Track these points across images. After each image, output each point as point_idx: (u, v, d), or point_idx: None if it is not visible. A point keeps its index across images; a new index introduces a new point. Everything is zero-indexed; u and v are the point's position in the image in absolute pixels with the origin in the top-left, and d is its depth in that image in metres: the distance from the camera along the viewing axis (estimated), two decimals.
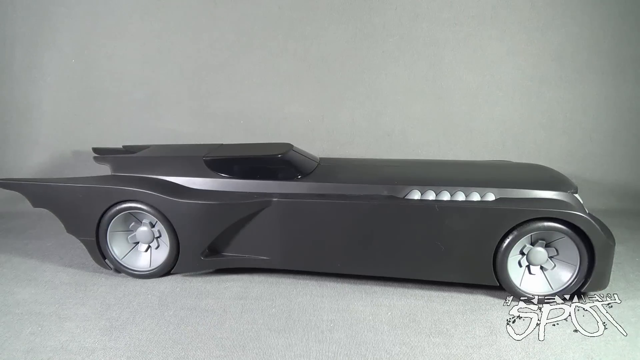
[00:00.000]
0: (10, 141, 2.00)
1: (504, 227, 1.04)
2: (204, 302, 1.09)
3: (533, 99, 1.91)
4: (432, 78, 1.91)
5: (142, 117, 1.97)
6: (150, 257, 1.26)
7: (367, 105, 1.93)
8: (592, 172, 1.91)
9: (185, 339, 0.93)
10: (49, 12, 1.93)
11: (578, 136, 1.92)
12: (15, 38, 1.95)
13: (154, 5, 1.92)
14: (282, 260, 1.19)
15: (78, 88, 1.98)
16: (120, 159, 1.35)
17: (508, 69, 1.89)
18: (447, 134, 1.94)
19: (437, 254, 1.08)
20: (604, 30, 1.84)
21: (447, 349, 0.90)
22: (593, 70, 1.87)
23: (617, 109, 1.90)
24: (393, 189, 1.12)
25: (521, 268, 1.09)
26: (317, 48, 1.91)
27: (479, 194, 1.08)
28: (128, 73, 1.97)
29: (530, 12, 1.84)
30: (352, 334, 0.95)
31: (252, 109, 1.95)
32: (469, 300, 1.09)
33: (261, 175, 1.23)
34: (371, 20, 1.88)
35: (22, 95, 1.98)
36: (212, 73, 1.95)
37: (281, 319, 1.01)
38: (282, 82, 1.94)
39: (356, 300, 1.09)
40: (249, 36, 1.92)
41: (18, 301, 1.13)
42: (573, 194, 1.11)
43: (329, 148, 1.94)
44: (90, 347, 0.91)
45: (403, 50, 1.90)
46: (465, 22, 1.86)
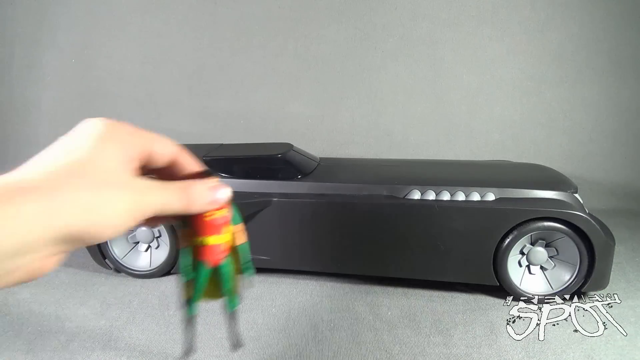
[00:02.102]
0: (10, 141, 2.00)
1: (504, 226, 1.04)
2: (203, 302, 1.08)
3: (533, 99, 1.91)
4: (432, 78, 1.91)
5: (142, 117, 1.98)
6: (150, 257, 1.26)
7: (367, 105, 1.93)
8: (592, 172, 1.91)
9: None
10: (49, 12, 1.93)
11: (578, 136, 1.92)
12: (15, 38, 1.95)
13: (154, 5, 1.92)
14: (282, 260, 1.19)
15: (78, 88, 1.98)
16: None
17: (508, 69, 1.89)
18: (447, 134, 1.94)
19: (437, 254, 1.08)
20: (604, 30, 1.84)
21: (447, 348, 0.90)
22: (593, 70, 1.87)
23: (617, 109, 1.90)
24: (393, 189, 1.12)
25: (521, 268, 1.09)
26: (317, 48, 1.91)
27: (479, 193, 1.08)
28: (128, 73, 1.97)
29: (530, 12, 1.84)
30: (352, 334, 0.95)
31: (252, 109, 1.95)
32: (469, 300, 1.09)
33: (261, 175, 1.23)
34: (371, 20, 1.88)
35: (22, 95, 1.98)
36: (212, 73, 1.95)
37: (281, 319, 1.01)
38: (282, 82, 1.94)
39: (356, 300, 1.09)
40: (249, 36, 1.92)
41: (18, 301, 1.13)
42: (573, 193, 1.11)
43: (329, 148, 1.94)
44: (90, 347, 0.91)
45: (403, 50, 1.90)
46: (465, 22, 1.86)
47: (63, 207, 0.34)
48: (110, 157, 0.39)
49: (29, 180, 0.34)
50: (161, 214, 0.42)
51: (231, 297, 0.56)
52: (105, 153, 0.38)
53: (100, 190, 0.37)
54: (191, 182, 0.44)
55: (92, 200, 0.36)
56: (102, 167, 0.38)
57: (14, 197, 0.32)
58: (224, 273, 0.54)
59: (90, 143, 0.38)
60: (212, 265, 0.53)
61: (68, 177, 0.35)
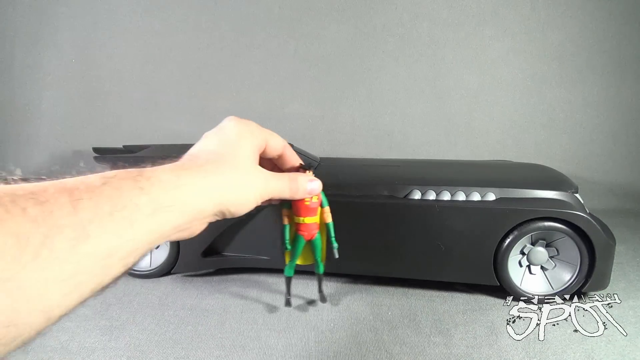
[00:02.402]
0: (10, 141, 2.00)
1: (504, 227, 1.04)
2: (204, 302, 1.09)
3: (533, 99, 1.91)
4: (432, 78, 1.91)
5: (142, 117, 1.97)
6: (150, 257, 1.26)
7: (367, 105, 1.93)
8: (592, 172, 1.91)
9: (185, 339, 0.93)
10: (49, 12, 1.93)
11: (578, 136, 1.92)
12: (15, 38, 1.95)
13: (154, 5, 1.92)
14: (282, 261, 1.19)
15: (78, 88, 1.97)
16: (120, 159, 1.35)
17: (508, 69, 1.89)
18: (447, 134, 1.94)
19: (438, 254, 1.08)
20: (605, 30, 1.84)
21: (448, 348, 0.90)
22: (593, 70, 1.87)
23: (617, 109, 1.90)
24: (393, 189, 1.12)
25: (521, 268, 1.09)
26: (317, 48, 1.91)
27: (480, 193, 1.08)
28: (128, 73, 1.97)
29: (530, 12, 1.84)
30: (352, 334, 0.95)
31: (252, 109, 1.95)
32: (469, 300, 1.09)
33: None
34: (372, 20, 1.88)
35: (22, 95, 1.98)
36: (212, 73, 1.95)
37: (281, 319, 1.01)
38: (282, 82, 1.94)
39: (356, 300, 1.09)
40: (249, 36, 1.91)
41: None
42: (573, 193, 1.11)
43: (329, 148, 1.94)
44: (90, 347, 0.91)
45: (403, 50, 1.89)
46: (465, 22, 1.86)
47: (222, 186, 0.45)
48: (246, 149, 0.50)
49: (200, 161, 0.46)
50: (274, 197, 0.56)
51: (320, 263, 0.78)
52: (243, 147, 0.50)
53: (243, 176, 0.48)
54: (297, 175, 0.59)
55: (238, 184, 0.48)
56: (241, 157, 0.49)
57: (198, 171, 0.44)
58: (316, 245, 0.76)
59: (233, 138, 0.51)
60: (307, 239, 0.74)
61: (222, 164, 0.46)
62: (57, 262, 0.30)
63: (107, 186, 0.35)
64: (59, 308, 0.32)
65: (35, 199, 0.30)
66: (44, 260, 0.29)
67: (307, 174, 0.62)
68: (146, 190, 0.37)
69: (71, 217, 0.31)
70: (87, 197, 0.33)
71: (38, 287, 0.29)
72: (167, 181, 0.39)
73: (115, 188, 0.35)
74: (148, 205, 0.37)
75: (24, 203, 0.29)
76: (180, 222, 0.40)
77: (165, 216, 0.38)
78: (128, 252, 0.35)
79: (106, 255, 0.33)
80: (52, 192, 0.32)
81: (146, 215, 0.36)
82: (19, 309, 0.28)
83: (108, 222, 0.33)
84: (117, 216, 0.34)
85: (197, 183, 0.42)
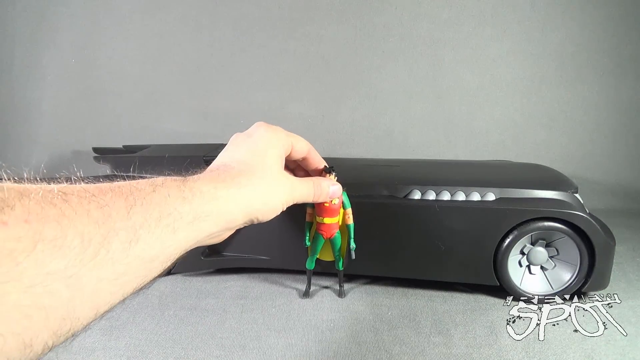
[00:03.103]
0: (10, 141, 2.00)
1: (504, 226, 1.04)
2: (204, 302, 1.09)
3: (533, 99, 1.91)
4: (432, 78, 1.91)
5: (142, 117, 1.97)
6: None
7: (367, 105, 1.93)
8: (592, 172, 1.91)
9: (185, 339, 0.93)
10: (49, 12, 1.93)
11: (578, 136, 1.92)
12: (15, 38, 1.95)
13: (154, 5, 1.92)
14: (282, 260, 1.19)
15: (78, 88, 1.98)
16: (120, 159, 1.35)
17: (508, 69, 1.89)
18: (447, 134, 1.94)
19: (438, 254, 1.08)
20: (604, 30, 1.84)
21: (448, 348, 0.90)
22: (593, 70, 1.87)
23: (617, 109, 1.90)
24: (393, 188, 1.12)
25: (521, 268, 1.09)
26: (317, 48, 1.91)
27: (480, 193, 1.08)
28: (128, 73, 1.97)
29: (530, 12, 1.84)
30: (352, 334, 0.95)
31: (252, 109, 1.95)
32: (469, 300, 1.09)
33: None
34: (372, 20, 1.88)
35: (22, 95, 1.98)
36: (212, 73, 1.95)
37: (281, 319, 1.01)
38: (282, 82, 1.94)
39: (356, 300, 1.09)
40: (249, 36, 1.92)
41: None
42: (573, 193, 1.11)
43: (329, 148, 1.94)
44: (90, 347, 0.91)
45: (403, 50, 1.89)
46: (465, 22, 1.86)
47: (252, 196, 0.49)
48: (273, 157, 0.55)
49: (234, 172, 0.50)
50: (298, 202, 0.61)
51: (339, 259, 0.87)
52: (271, 155, 0.54)
53: (271, 186, 0.53)
54: (321, 180, 0.65)
55: (267, 193, 0.52)
56: (269, 166, 0.53)
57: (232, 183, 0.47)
58: (335, 243, 0.83)
59: (261, 147, 0.55)
60: (326, 237, 0.80)
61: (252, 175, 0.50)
62: (111, 263, 0.33)
63: (156, 194, 0.38)
64: (105, 305, 0.35)
65: (97, 202, 0.33)
66: (101, 259, 0.32)
67: (330, 178, 0.68)
68: (188, 199, 0.41)
69: (125, 222, 0.34)
70: (139, 204, 0.36)
71: (93, 284, 0.31)
72: (206, 192, 0.43)
73: (163, 196, 0.39)
74: (189, 214, 0.40)
75: (88, 205, 0.32)
76: (214, 230, 0.44)
77: (202, 225, 0.42)
78: (168, 256, 0.39)
79: (151, 258, 0.37)
80: (110, 196, 0.35)
81: (187, 222, 0.40)
82: (75, 303, 0.30)
83: (155, 227, 0.37)
84: (163, 222, 0.38)
85: (231, 195, 0.46)
